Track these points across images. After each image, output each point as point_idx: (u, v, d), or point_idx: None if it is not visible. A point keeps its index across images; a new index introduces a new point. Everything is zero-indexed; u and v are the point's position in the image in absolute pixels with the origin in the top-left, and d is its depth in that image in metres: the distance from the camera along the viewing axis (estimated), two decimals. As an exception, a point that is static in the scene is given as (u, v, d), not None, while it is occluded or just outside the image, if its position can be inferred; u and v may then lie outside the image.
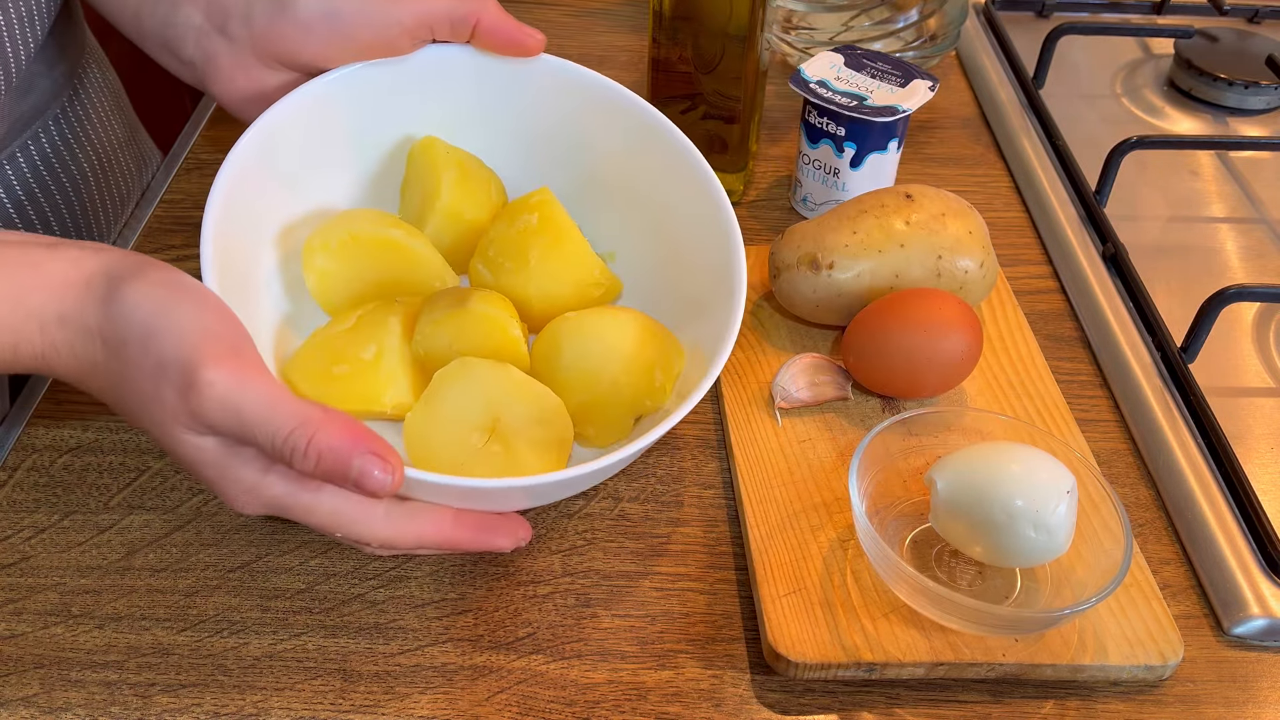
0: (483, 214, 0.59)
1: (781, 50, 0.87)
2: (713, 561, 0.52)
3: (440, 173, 0.57)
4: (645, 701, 0.47)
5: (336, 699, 0.46)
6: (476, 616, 0.50)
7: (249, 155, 0.51)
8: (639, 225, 0.59)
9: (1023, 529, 0.46)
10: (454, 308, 0.53)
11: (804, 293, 0.60)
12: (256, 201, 0.53)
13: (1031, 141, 0.79)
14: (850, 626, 0.48)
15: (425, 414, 0.51)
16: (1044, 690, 0.48)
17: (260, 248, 0.54)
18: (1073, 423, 0.57)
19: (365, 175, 0.60)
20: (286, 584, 0.50)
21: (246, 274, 0.52)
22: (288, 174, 0.55)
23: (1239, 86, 0.84)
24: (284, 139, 0.53)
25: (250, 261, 0.53)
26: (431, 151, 0.58)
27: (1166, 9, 0.96)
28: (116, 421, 0.57)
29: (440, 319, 0.53)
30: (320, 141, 0.56)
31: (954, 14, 0.85)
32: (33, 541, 0.52)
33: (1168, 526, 0.55)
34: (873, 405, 0.58)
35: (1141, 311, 0.65)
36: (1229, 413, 0.59)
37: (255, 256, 0.53)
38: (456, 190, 0.57)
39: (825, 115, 0.67)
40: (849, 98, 0.66)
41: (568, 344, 0.53)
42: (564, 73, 0.58)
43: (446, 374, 0.51)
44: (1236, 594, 0.51)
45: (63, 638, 0.48)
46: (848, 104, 0.65)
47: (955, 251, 0.58)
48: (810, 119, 0.68)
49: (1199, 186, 0.77)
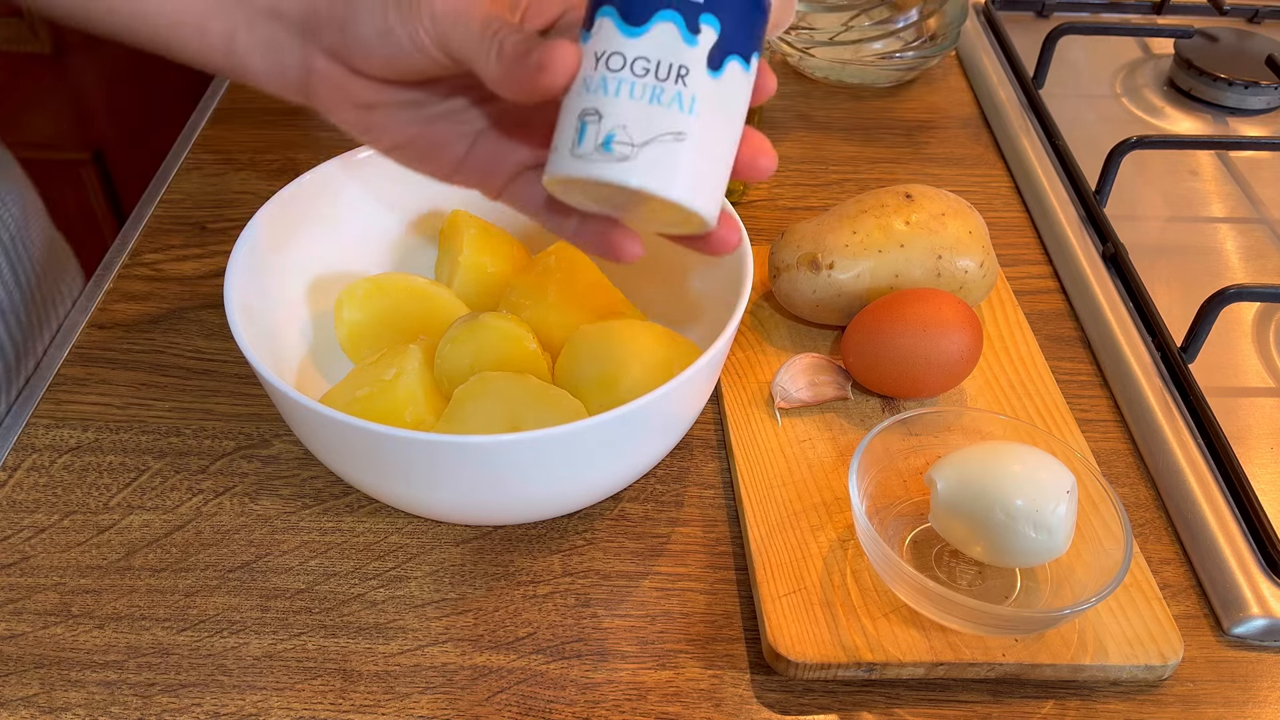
0: (505, 267, 0.60)
1: (782, 50, 0.87)
2: (713, 561, 0.52)
3: (463, 233, 0.60)
4: (645, 701, 0.47)
5: (336, 699, 0.46)
6: (476, 616, 0.50)
7: (264, 226, 0.54)
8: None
9: (1023, 529, 0.46)
10: (470, 324, 0.54)
11: (804, 292, 0.60)
12: (276, 272, 0.56)
13: (1031, 141, 0.79)
14: (850, 626, 0.48)
15: (446, 429, 0.50)
16: (1044, 690, 0.48)
17: (289, 308, 0.57)
18: (1073, 423, 0.57)
19: (392, 244, 0.63)
20: (286, 584, 0.50)
21: (275, 331, 0.55)
22: (306, 252, 0.58)
23: (1239, 86, 0.84)
24: (306, 208, 0.57)
25: (280, 321, 0.56)
26: (456, 220, 0.61)
27: (1166, 9, 0.96)
28: (116, 421, 0.57)
29: (458, 337, 0.53)
30: (346, 210, 0.59)
31: (954, 14, 0.85)
32: (33, 541, 0.52)
33: (1168, 526, 0.55)
34: (873, 405, 0.58)
35: (1141, 311, 0.65)
36: (1229, 412, 0.59)
37: (285, 316, 0.57)
38: (478, 245, 0.60)
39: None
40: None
41: (586, 351, 0.54)
42: None
43: (466, 390, 0.51)
44: (1236, 594, 0.51)
45: (63, 638, 0.48)
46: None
47: (955, 251, 0.58)
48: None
49: (1199, 186, 0.77)
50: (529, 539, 0.53)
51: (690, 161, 0.37)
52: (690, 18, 0.37)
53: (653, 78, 0.37)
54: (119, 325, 0.63)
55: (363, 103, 0.43)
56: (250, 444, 0.57)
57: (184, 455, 0.56)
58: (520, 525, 0.53)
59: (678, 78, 0.37)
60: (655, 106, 0.37)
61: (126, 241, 0.69)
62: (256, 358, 0.46)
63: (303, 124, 0.81)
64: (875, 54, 0.84)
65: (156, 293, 0.66)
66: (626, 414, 0.44)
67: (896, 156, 0.80)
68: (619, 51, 0.37)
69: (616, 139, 0.37)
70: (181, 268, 0.68)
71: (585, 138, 0.37)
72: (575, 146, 0.37)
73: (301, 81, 0.44)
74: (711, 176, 0.38)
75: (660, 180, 0.37)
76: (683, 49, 0.37)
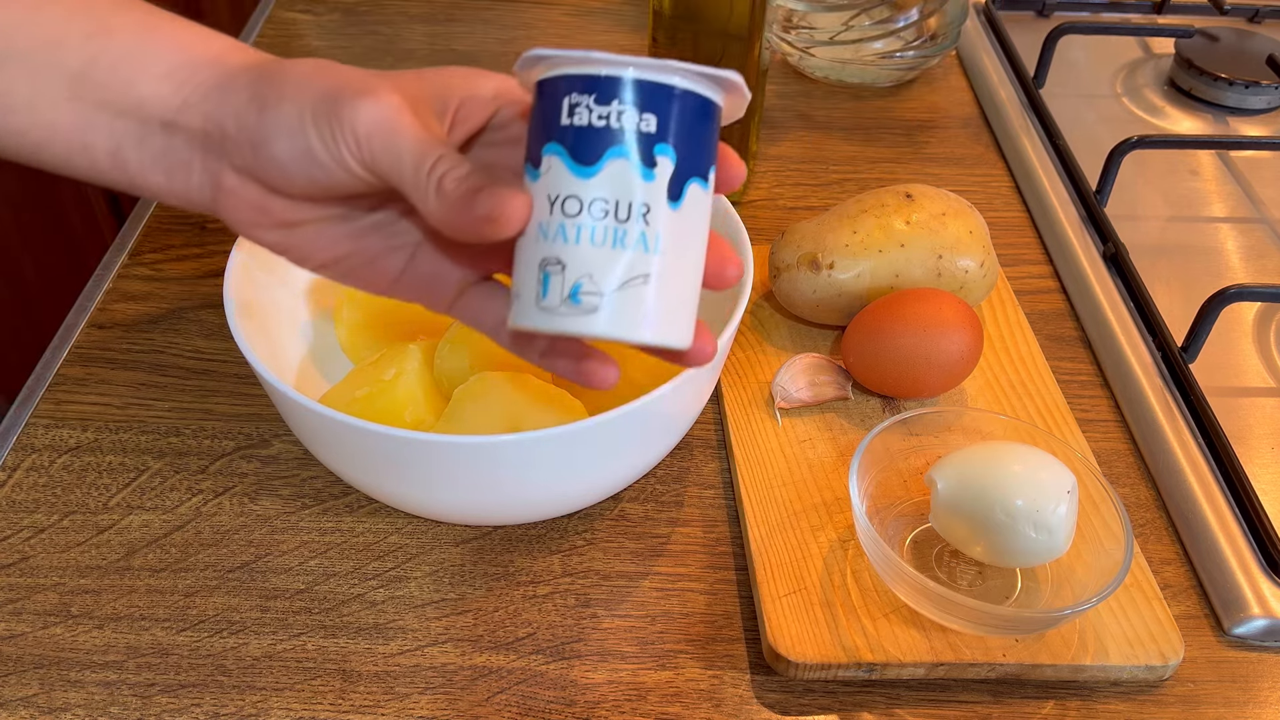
0: None
1: (782, 50, 0.87)
2: (713, 561, 0.52)
3: None
4: (645, 702, 0.47)
5: (336, 699, 0.46)
6: (476, 617, 0.49)
7: None
8: None
9: (1023, 529, 0.46)
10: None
11: (804, 292, 0.60)
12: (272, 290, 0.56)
13: (1032, 141, 0.79)
14: (850, 627, 0.47)
15: (446, 429, 0.50)
16: (1044, 690, 0.48)
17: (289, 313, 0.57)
18: (1073, 423, 0.57)
19: None
20: (286, 584, 0.50)
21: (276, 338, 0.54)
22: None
23: (1239, 86, 0.84)
24: None
25: (279, 323, 0.55)
26: None
27: (1167, 8, 0.96)
28: (116, 421, 0.57)
29: (458, 337, 0.53)
30: None
31: (954, 13, 0.84)
32: (32, 542, 0.52)
33: (1168, 526, 0.55)
34: (873, 405, 0.58)
35: (1142, 311, 0.65)
36: (1229, 412, 0.59)
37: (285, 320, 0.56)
38: None
39: (608, 94, 0.35)
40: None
41: None
42: None
43: (466, 390, 0.51)
44: (1237, 594, 0.50)
45: (62, 638, 0.48)
46: (651, 65, 0.36)
47: (956, 251, 0.58)
48: (572, 112, 0.36)
49: (1199, 186, 0.77)
50: (529, 539, 0.53)
51: (658, 300, 0.36)
52: (644, 151, 0.35)
53: (613, 219, 0.35)
54: (118, 325, 0.63)
55: (283, 222, 0.40)
56: (250, 444, 0.57)
57: (183, 455, 0.56)
58: (520, 525, 0.53)
59: (639, 216, 0.36)
60: (619, 251, 0.35)
61: (126, 241, 0.69)
62: (256, 358, 0.46)
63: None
64: (876, 53, 0.84)
65: (156, 293, 0.66)
66: (626, 414, 0.44)
67: (897, 156, 0.80)
68: (574, 195, 0.35)
69: (584, 289, 0.36)
70: (181, 268, 0.68)
71: (550, 289, 0.36)
72: (540, 298, 0.36)
73: (211, 199, 0.40)
74: (682, 306, 0.37)
75: (629, 326, 0.36)
76: (640, 185, 0.35)
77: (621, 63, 0.35)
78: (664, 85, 0.35)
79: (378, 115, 0.36)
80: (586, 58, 0.35)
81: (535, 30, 0.92)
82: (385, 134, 0.36)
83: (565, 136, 0.35)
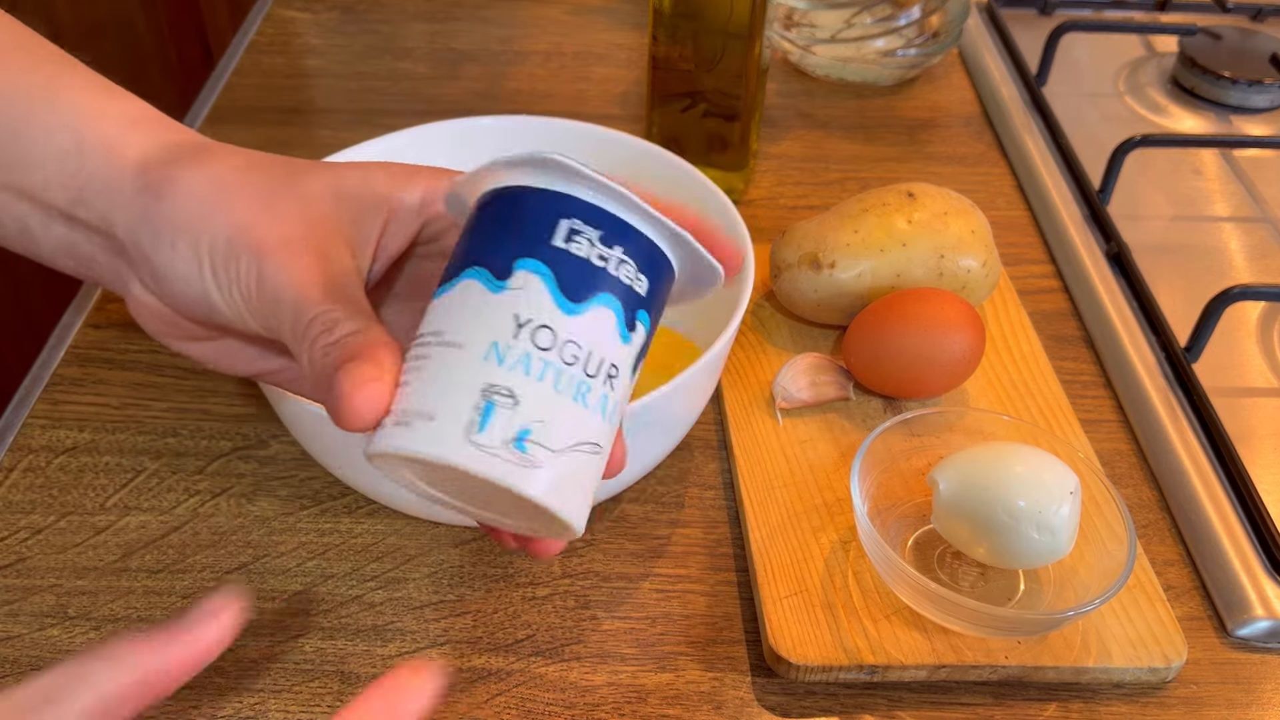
0: None
1: (782, 48, 0.86)
2: (713, 563, 0.52)
3: None
4: (645, 704, 0.46)
5: (334, 701, 0.46)
6: (475, 618, 0.49)
7: None
8: None
9: (1025, 530, 0.46)
10: None
11: (805, 292, 0.60)
12: None
13: (1034, 140, 0.79)
14: (852, 628, 0.47)
15: None
16: (1047, 692, 0.47)
17: None
18: (1076, 423, 0.57)
19: None
20: (284, 585, 0.50)
21: None
22: None
23: (1242, 85, 0.84)
24: None
25: None
26: None
27: (1170, 7, 0.95)
28: (113, 422, 0.57)
29: None
30: None
31: (956, 11, 0.84)
32: (29, 543, 0.52)
33: (1171, 528, 0.54)
34: (874, 405, 0.58)
35: (1145, 311, 0.64)
36: (1233, 413, 0.59)
37: None
38: None
39: (617, 237, 0.32)
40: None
41: None
42: (548, 128, 0.60)
43: None
44: (1240, 595, 0.50)
45: (59, 639, 0.48)
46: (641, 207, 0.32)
47: (958, 251, 0.58)
48: (570, 237, 0.32)
49: (1203, 185, 0.77)
50: (528, 540, 0.53)
51: (594, 478, 0.32)
52: (629, 311, 0.32)
53: (581, 370, 0.31)
54: (115, 325, 0.63)
55: (197, 336, 0.38)
56: (247, 445, 0.56)
57: (181, 456, 0.56)
58: (519, 526, 0.53)
59: (607, 377, 0.31)
60: (579, 407, 0.31)
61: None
62: None
63: (301, 123, 0.81)
64: (877, 52, 0.83)
65: (154, 292, 0.65)
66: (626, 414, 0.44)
67: (898, 155, 0.80)
68: (550, 327, 0.31)
69: (532, 437, 0.30)
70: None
71: (490, 424, 0.30)
72: (474, 430, 0.30)
73: (124, 297, 0.37)
74: (592, 493, 0.33)
75: (561, 499, 0.31)
76: (616, 345, 0.32)
77: (642, 211, 0.32)
78: (668, 260, 0.33)
79: (264, 272, 0.34)
80: (608, 187, 0.31)
81: (535, 29, 0.92)
82: (270, 292, 0.34)
83: (556, 261, 0.31)
